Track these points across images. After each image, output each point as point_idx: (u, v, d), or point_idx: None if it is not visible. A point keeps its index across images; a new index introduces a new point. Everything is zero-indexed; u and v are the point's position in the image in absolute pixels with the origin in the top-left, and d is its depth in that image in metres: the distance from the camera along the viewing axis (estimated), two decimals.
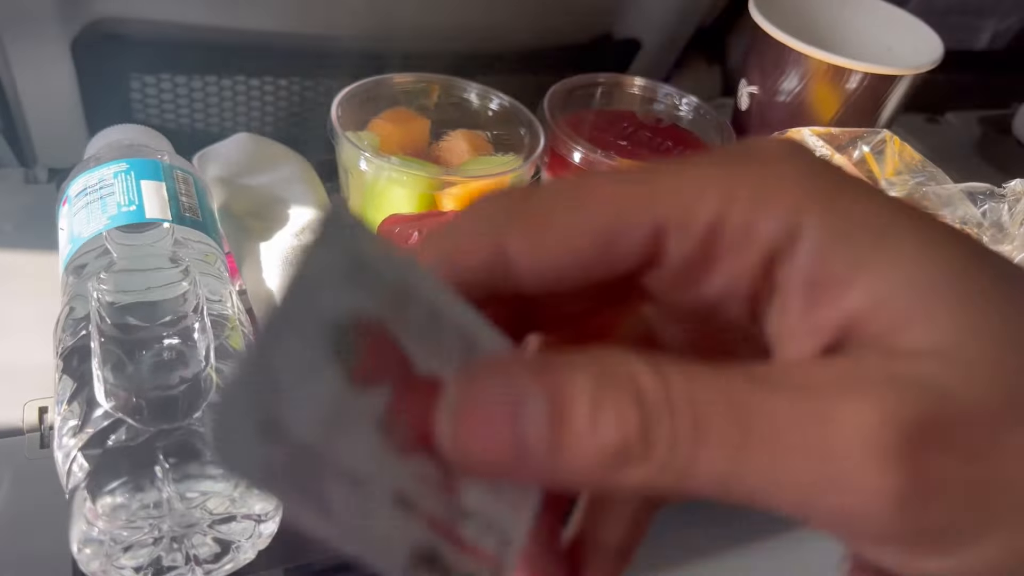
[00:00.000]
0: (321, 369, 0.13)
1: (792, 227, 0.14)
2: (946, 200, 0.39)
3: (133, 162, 0.43)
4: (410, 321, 0.14)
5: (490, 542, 0.16)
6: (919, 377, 0.14)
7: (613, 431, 0.13)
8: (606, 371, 0.14)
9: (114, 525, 0.31)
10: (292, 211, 0.49)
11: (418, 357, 0.14)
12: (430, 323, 0.15)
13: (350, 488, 0.13)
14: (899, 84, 0.52)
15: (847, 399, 0.13)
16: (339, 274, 0.13)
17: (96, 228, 0.40)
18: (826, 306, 0.14)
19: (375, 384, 0.14)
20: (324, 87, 0.70)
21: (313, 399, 0.13)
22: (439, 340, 0.15)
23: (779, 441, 0.13)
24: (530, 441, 0.13)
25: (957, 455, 0.13)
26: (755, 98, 0.56)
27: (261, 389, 0.12)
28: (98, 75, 0.62)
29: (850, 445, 0.13)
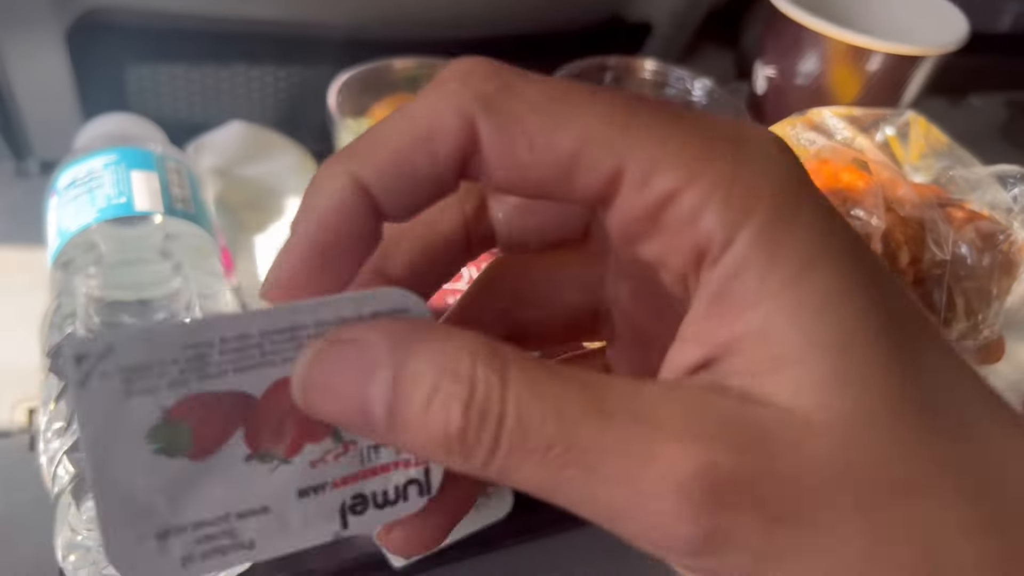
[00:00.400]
0: (163, 472, 0.15)
1: (728, 234, 0.14)
2: (974, 184, 0.37)
3: (123, 152, 0.41)
4: (217, 366, 0.15)
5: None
6: (754, 432, 0.14)
7: (440, 424, 0.14)
8: (450, 364, 0.14)
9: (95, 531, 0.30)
10: (289, 203, 0.47)
11: (249, 384, 0.15)
12: (238, 351, 0.15)
13: (260, 518, 0.16)
14: (922, 65, 0.50)
15: (672, 443, 0.14)
16: (116, 397, 0.14)
17: (84, 221, 0.38)
18: (718, 322, 0.15)
19: (223, 441, 0.15)
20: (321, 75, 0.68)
21: (178, 490, 0.15)
22: (259, 355, 0.15)
23: (599, 468, 0.14)
24: (374, 409, 0.14)
25: (759, 517, 0.14)
26: (772, 81, 0.54)
27: (129, 523, 0.14)
28: (93, 65, 0.61)
29: (662, 489, 0.13)
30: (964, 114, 0.74)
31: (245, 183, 0.49)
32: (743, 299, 0.14)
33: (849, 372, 0.14)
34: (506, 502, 0.37)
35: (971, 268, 0.36)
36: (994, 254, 0.36)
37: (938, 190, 0.38)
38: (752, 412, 0.14)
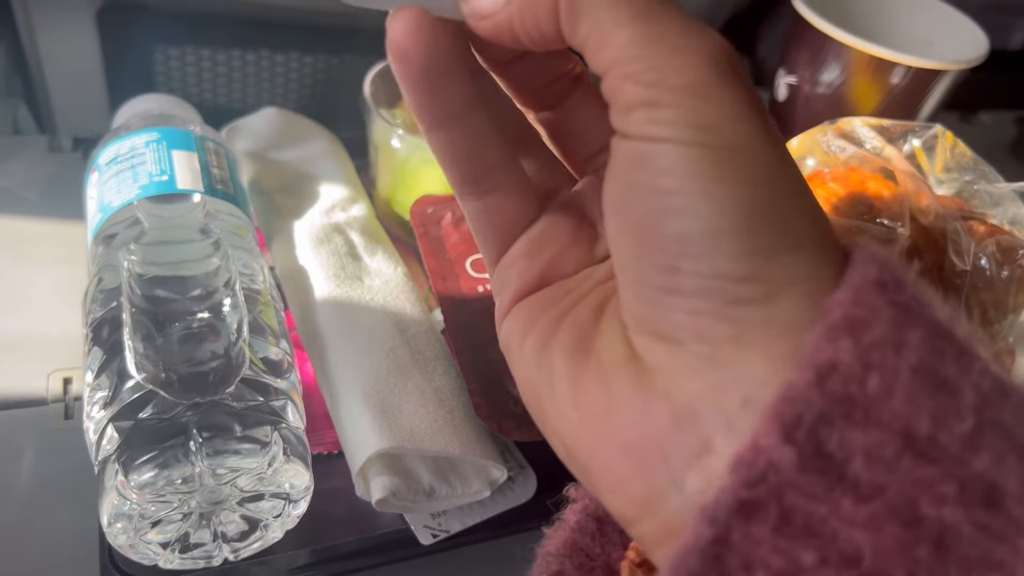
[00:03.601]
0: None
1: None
2: (997, 199, 0.38)
3: (164, 131, 0.42)
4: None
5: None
6: None
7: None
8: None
9: (145, 499, 0.30)
10: (322, 188, 0.48)
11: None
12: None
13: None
14: (942, 79, 0.51)
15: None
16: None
17: (127, 197, 0.39)
18: None
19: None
20: (350, 63, 0.69)
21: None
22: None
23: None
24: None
25: None
26: (794, 89, 0.55)
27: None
28: (122, 46, 0.62)
29: None
30: (974, 130, 0.75)
31: (279, 167, 0.49)
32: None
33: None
34: (530, 486, 0.38)
35: (989, 280, 0.37)
36: (1013, 268, 0.38)
37: (961, 203, 0.39)
38: None
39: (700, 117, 0.17)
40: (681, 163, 0.17)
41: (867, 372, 0.16)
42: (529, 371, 0.22)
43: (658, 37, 0.18)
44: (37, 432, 0.38)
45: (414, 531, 0.36)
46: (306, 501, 0.34)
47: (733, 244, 0.17)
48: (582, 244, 0.23)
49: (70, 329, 0.42)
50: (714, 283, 0.17)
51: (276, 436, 0.32)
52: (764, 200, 0.17)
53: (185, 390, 0.32)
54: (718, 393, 0.17)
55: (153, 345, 0.34)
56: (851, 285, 0.17)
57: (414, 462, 0.36)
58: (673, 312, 0.18)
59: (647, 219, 0.18)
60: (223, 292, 0.36)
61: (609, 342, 0.20)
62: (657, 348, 0.18)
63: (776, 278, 0.17)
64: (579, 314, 0.22)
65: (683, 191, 0.17)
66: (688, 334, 0.18)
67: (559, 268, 0.23)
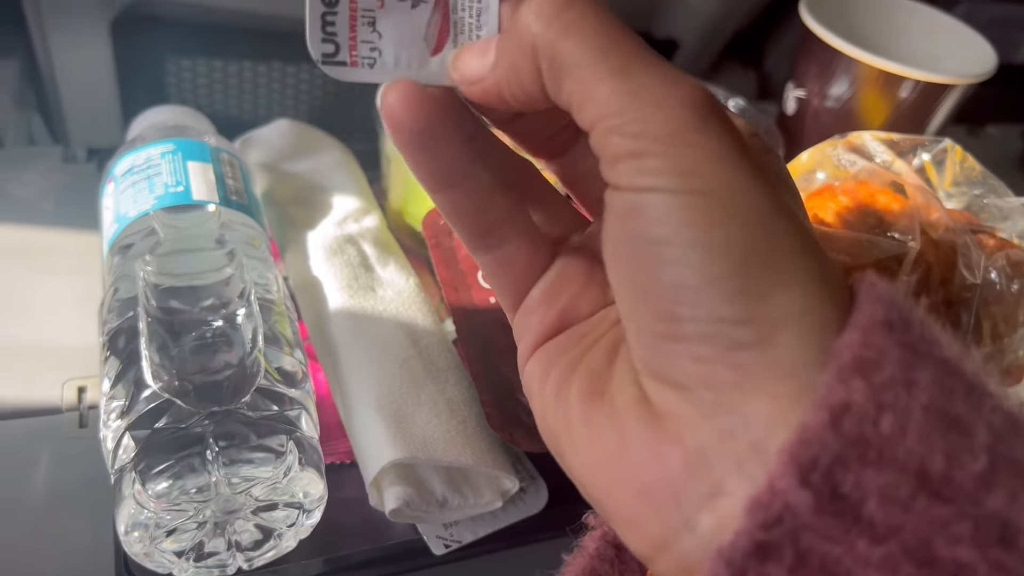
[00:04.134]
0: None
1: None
2: (1007, 213, 0.39)
3: (180, 143, 0.43)
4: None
5: (365, 49, 0.21)
6: None
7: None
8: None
9: (161, 507, 0.31)
10: (334, 199, 0.48)
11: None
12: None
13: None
14: (951, 93, 0.52)
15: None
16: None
17: (143, 208, 0.39)
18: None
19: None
20: None
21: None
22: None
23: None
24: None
25: None
26: (803, 102, 0.56)
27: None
28: (135, 56, 0.62)
29: None
30: (982, 143, 0.76)
31: (292, 179, 0.50)
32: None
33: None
34: (541, 497, 0.38)
35: (999, 294, 0.38)
36: (1022, 282, 0.38)
37: (971, 216, 0.39)
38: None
39: (684, 164, 0.18)
40: (671, 212, 0.18)
41: (880, 413, 0.16)
42: (548, 414, 0.22)
43: (638, 90, 0.18)
44: (52, 440, 0.39)
45: (426, 541, 0.36)
46: (320, 511, 0.35)
47: (727, 288, 0.17)
48: (596, 286, 0.24)
49: (84, 338, 0.42)
50: (713, 328, 0.17)
51: (291, 445, 0.33)
52: (754, 241, 0.17)
53: (201, 399, 0.32)
54: (727, 437, 0.17)
55: (169, 355, 0.34)
56: (859, 326, 0.17)
57: (427, 472, 0.36)
58: (678, 359, 0.18)
59: (644, 269, 0.18)
60: (238, 302, 0.37)
61: (622, 385, 0.20)
62: (667, 393, 0.19)
63: (772, 319, 0.17)
64: (594, 357, 0.22)
65: (675, 240, 0.18)
66: (695, 380, 0.18)
67: (575, 312, 0.24)
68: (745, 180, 0.18)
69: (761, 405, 0.17)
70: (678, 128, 0.18)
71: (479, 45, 0.21)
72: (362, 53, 0.22)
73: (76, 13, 0.58)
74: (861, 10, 0.59)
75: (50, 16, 0.57)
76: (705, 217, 0.17)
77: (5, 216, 0.49)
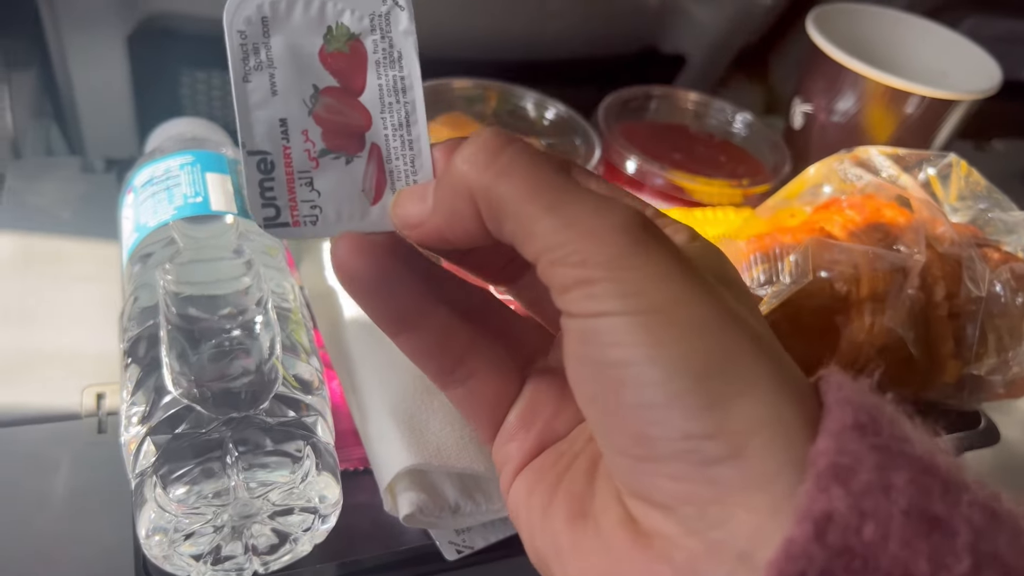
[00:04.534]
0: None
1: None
2: (1011, 227, 0.39)
3: (198, 154, 0.44)
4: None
5: (305, 208, 0.23)
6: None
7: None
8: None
9: (181, 511, 0.31)
10: None
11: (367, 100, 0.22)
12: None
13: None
14: (956, 109, 0.52)
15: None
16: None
17: (162, 218, 0.40)
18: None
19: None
20: None
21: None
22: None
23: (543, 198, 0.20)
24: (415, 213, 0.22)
25: None
26: (809, 117, 0.56)
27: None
28: (151, 69, 0.63)
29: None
30: (988, 159, 0.76)
31: None
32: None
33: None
34: None
35: (1004, 307, 0.38)
36: None
37: (976, 230, 0.40)
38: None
39: (628, 286, 0.18)
40: (624, 333, 0.18)
41: (862, 521, 0.16)
42: (535, 538, 0.23)
43: (573, 222, 0.19)
44: (71, 446, 0.39)
45: (439, 546, 0.37)
46: (335, 515, 0.35)
47: (690, 403, 0.18)
48: (569, 404, 0.24)
49: (103, 345, 0.43)
50: (685, 445, 0.18)
51: (308, 450, 0.33)
52: (708, 352, 0.18)
53: (219, 406, 0.33)
54: (714, 551, 0.18)
55: (188, 362, 0.35)
56: (831, 432, 0.17)
57: (440, 479, 0.37)
58: (656, 479, 0.18)
59: (607, 390, 0.19)
60: (255, 310, 0.37)
61: (604, 505, 0.21)
62: (650, 512, 0.19)
63: (739, 430, 0.18)
64: (574, 478, 0.23)
65: (632, 360, 0.18)
66: (675, 499, 0.18)
67: (553, 433, 0.24)
68: (690, 294, 0.18)
69: (742, 518, 0.17)
70: (616, 253, 0.18)
71: (416, 191, 0.22)
72: (303, 212, 0.22)
73: (94, 26, 0.59)
74: (868, 26, 0.60)
75: (68, 29, 0.58)
76: (657, 334, 0.18)
77: (25, 225, 0.49)
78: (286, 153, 0.22)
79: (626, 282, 0.18)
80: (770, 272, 0.39)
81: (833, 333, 0.41)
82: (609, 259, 0.18)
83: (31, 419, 0.40)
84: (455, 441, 0.37)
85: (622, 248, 0.19)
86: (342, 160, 0.22)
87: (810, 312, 0.41)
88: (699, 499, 0.18)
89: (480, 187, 0.20)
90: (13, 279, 0.46)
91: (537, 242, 0.19)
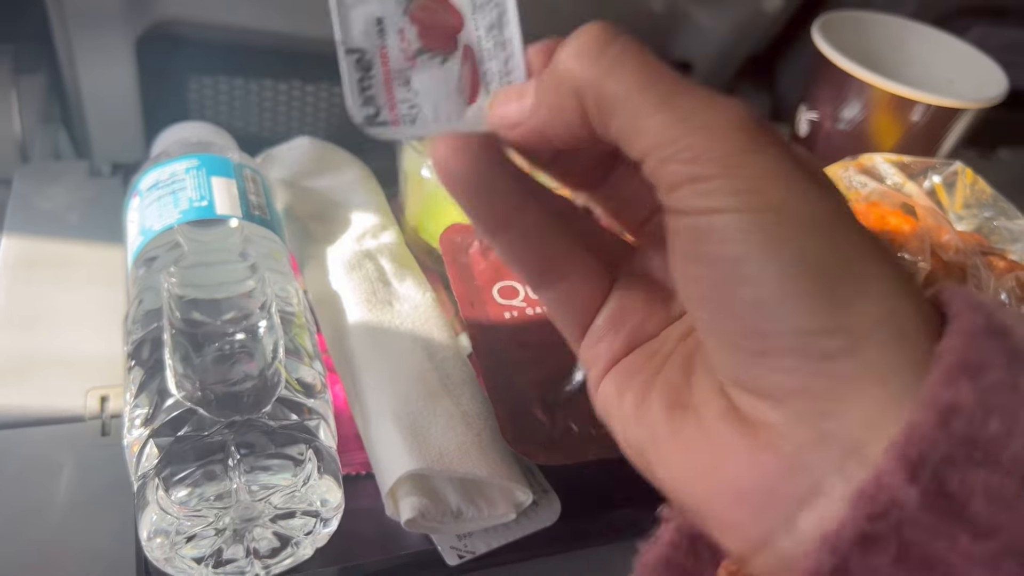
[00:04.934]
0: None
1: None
2: (1016, 236, 0.39)
3: (204, 158, 0.44)
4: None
5: (404, 108, 0.23)
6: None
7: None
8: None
9: (183, 513, 0.31)
10: (354, 216, 0.49)
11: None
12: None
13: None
14: (962, 117, 0.52)
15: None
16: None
17: (167, 222, 0.40)
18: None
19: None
20: None
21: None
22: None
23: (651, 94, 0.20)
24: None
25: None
26: (815, 125, 0.56)
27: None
28: (158, 74, 0.63)
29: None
30: (994, 167, 0.76)
31: (312, 195, 0.51)
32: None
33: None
34: (554, 510, 0.39)
35: None
36: None
37: (981, 239, 0.39)
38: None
39: (744, 183, 0.18)
40: (740, 231, 0.18)
41: (987, 415, 0.16)
42: (630, 432, 0.23)
43: (686, 117, 0.19)
44: (74, 448, 0.39)
45: (440, 551, 0.37)
46: (337, 519, 0.35)
47: (808, 301, 0.18)
48: (658, 306, 0.25)
49: (107, 348, 0.43)
50: (800, 340, 0.18)
51: (310, 454, 0.33)
52: (824, 251, 0.18)
53: (222, 409, 0.33)
54: (824, 441, 0.18)
55: (192, 365, 0.35)
56: (960, 332, 0.17)
57: (442, 483, 0.37)
58: (768, 372, 0.19)
59: (721, 288, 0.19)
60: (260, 314, 0.37)
61: (705, 398, 0.21)
62: (759, 404, 0.19)
63: (856, 327, 0.18)
64: (669, 374, 0.23)
65: (747, 258, 0.18)
66: (787, 391, 0.18)
67: (642, 334, 0.24)
68: (806, 192, 0.18)
69: (858, 409, 0.17)
70: (731, 150, 0.18)
71: (514, 90, 0.22)
72: (402, 111, 0.23)
73: (102, 31, 0.59)
74: (873, 34, 0.60)
75: (76, 33, 0.59)
76: (774, 232, 0.18)
77: (32, 228, 0.50)
78: (383, 52, 0.22)
79: (741, 179, 0.18)
80: None
81: None
82: (723, 155, 0.18)
83: (35, 421, 0.40)
84: (457, 446, 0.37)
85: (737, 144, 0.18)
86: (438, 59, 0.23)
87: None
88: (812, 392, 0.18)
89: (588, 82, 0.20)
90: (19, 282, 0.46)
91: (647, 138, 0.19)
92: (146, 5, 0.60)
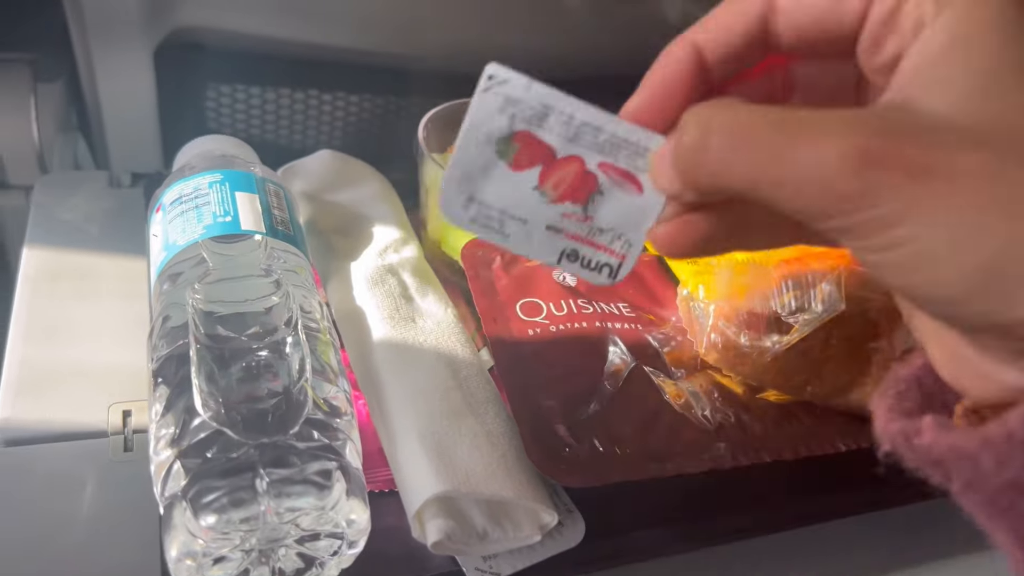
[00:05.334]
0: (492, 165, 0.24)
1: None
2: None
3: (227, 173, 0.44)
4: (551, 126, 0.24)
5: (618, 245, 0.26)
6: (908, 122, 0.19)
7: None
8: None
9: (211, 536, 0.31)
10: (376, 230, 0.49)
11: (558, 147, 0.24)
12: (565, 125, 0.24)
13: (519, 224, 0.25)
14: None
15: (836, 128, 0.19)
16: (494, 109, 0.24)
17: (192, 237, 0.40)
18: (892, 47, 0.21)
19: (528, 167, 0.24)
20: (394, 105, 0.70)
21: (490, 180, 0.25)
22: (574, 134, 0.24)
23: (757, 151, 0.20)
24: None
25: (905, 172, 0.18)
26: None
27: (461, 180, 0.25)
28: (176, 83, 0.63)
29: (827, 156, 0.19)
30: None
31: (334, 208, 0.51)
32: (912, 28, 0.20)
33: (990, 91, 0.19)
34: (578, 531, 0.39)
35: None
36: None
37: None
38: (910, 115, 0.19)
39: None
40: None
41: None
42: None
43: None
44: (97, 464, 0.39)
45: (465, 573, 0.36)
46: (363, 541, 0.35)
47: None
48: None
49: (129, 362, 0.43)
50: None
51: (338, 475, 0.33)
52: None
53: (249, 429, 0.33)
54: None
55: (217, 383, 0.35)
56: None
57: (468, 505, 0.37)
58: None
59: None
60: (285, 330, 0.37)
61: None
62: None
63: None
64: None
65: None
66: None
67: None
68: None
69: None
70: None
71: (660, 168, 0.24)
72: (617, 249, 0.26)
73: (120, 40, 0.59)
74: None
75: (95, 43, 0.59)
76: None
77: (52, 239, 0.50)
78: (574, 238, 0.25)
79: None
80: (802, 299, 0.39)
81: (863, 357, 0.41)
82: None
83: (57, 436, 0.40)
84: (483, 467, 0.36)
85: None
86: (594, 199, 0.25)
87: (841, 339, 0.40)
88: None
89: (706, 185, 0.22)
90: (41, 294, 0.46)
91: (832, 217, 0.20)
92: (165, 14, 0.60)
